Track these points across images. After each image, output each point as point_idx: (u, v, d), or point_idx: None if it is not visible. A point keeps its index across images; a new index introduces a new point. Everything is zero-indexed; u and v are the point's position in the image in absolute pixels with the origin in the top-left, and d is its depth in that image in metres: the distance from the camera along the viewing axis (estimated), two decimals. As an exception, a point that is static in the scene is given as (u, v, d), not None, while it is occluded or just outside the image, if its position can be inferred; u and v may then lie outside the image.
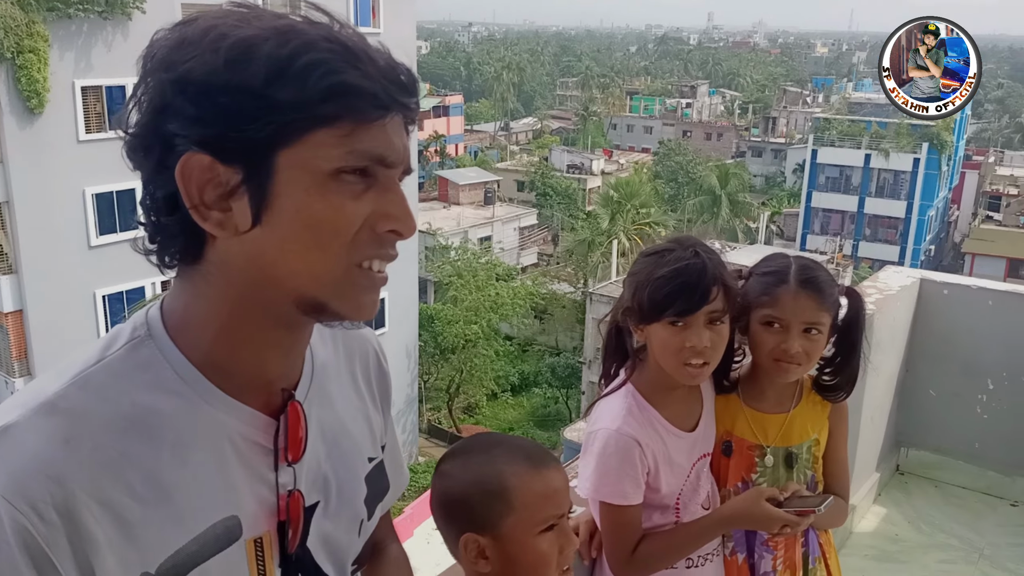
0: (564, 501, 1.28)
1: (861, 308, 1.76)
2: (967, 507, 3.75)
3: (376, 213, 0.80)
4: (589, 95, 70.79)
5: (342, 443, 0.96)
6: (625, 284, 1.64)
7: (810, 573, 1.78)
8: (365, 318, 0.85)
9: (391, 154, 0.80)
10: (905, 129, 38.88)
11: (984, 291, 3.93)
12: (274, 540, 0.86)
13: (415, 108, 0.83)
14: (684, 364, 1.55)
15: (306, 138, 0.76)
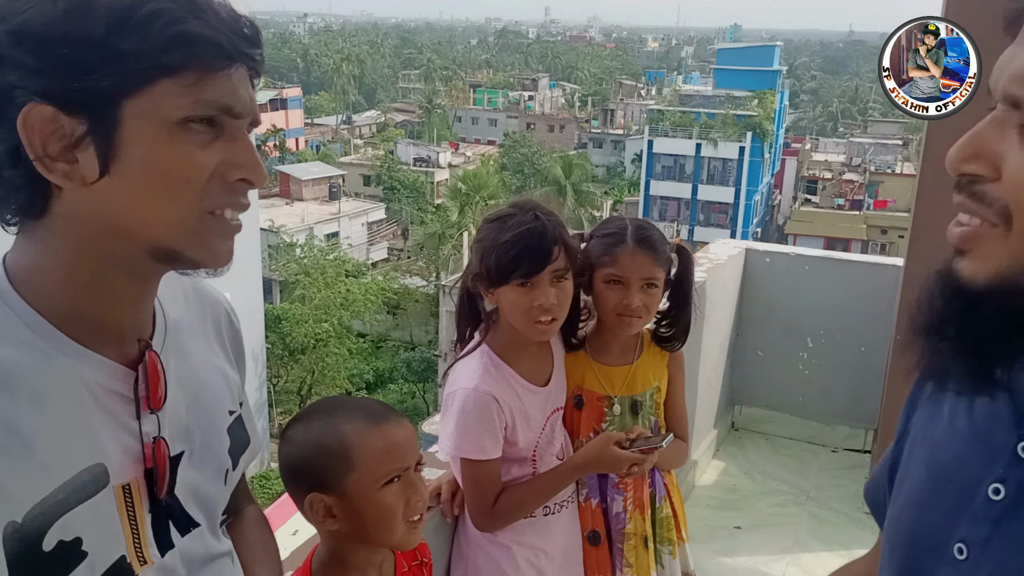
0: (406, 454, 1.31)
1: (690, 263, 1.91)
2: (794, 455, 4.10)
3: (225, 162, 0.82)
4: (432, 88, 70.76)
5: (202, 396, 0.97)
6: (472, 251, 1.70)
7: (657, 511, 1.92)
8: (221, 265, 0.86)
9: (237, 104, 0.82)
10: (731, 119, 41.35)
11: (801, 258, 4.30)
12: (142, 487, 0.87)
13: (260, 60, 0.85)
14: (534, 322, 1.63)
15: (151, 87, 0.77)
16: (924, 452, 0.84)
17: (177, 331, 0.96)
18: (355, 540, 1.34)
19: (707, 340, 3.78)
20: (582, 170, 42.12)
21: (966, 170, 0.67)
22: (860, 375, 4.04)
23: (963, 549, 0.74)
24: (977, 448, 0.76)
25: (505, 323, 1.71)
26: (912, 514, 0.82)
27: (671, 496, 1.95)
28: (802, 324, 4.19)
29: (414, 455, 1.33)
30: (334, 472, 1.27)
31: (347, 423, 1.30)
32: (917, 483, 0.83)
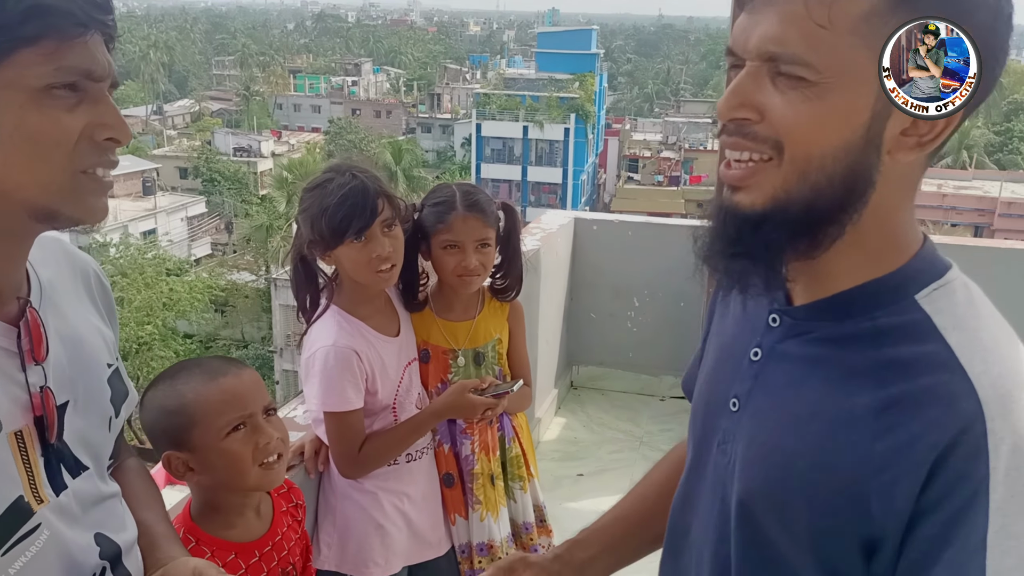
0: (246, 402, 1.38)
1: (516, 219, 2.07)
2: (627, 407, 4.42)
3: (92, 123, 0.87)
4: (249, 74, 67.94)
5: (81, 349, 1.02)
6: (299, 221, 1.77)
7: (507, 451, 2.08)
8: (98, 220, 0.92)
9: (97, 68, 0.87)
10: (555, 102, 42.56)
11: (624, 224, 4.62)
12: (33, 433, 0.92)
13: (112, 25, 0.90)
14: (376, 272, 1.74)
15: (11, 58, 0.81)
16: (715, 340, 1.06)
17: (52, 290, 1.00)
18: (220, 488, 1.40)
19: (544, 305, 4.00)
20: (412, 155, 41.98)
21: (736, 115, 0.83)
22: (681, 328, 4.40)
23: (736, 402, 0.94)
24: (745, 326, 0.97)
25: (348, 281, 1.81)
26: (705, 386, 1.03)
27: (520, 437, 2.12)
28: (629, 286, 4.51)
29: (258, 401, 1.40)
30: (179, 430, 1.35)
31: (184, 382, 1.37)
32: (709, 362, 1.05)
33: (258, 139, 48.18)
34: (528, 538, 2.11)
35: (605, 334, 4.59)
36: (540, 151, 43.90)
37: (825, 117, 0.79)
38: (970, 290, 0.86)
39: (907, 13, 0.77)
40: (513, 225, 2.05)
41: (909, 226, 0.86)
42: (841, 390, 0.83)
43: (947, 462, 0.75)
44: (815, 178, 0.80)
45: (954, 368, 0.78)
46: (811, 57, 0.78)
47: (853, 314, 0.85)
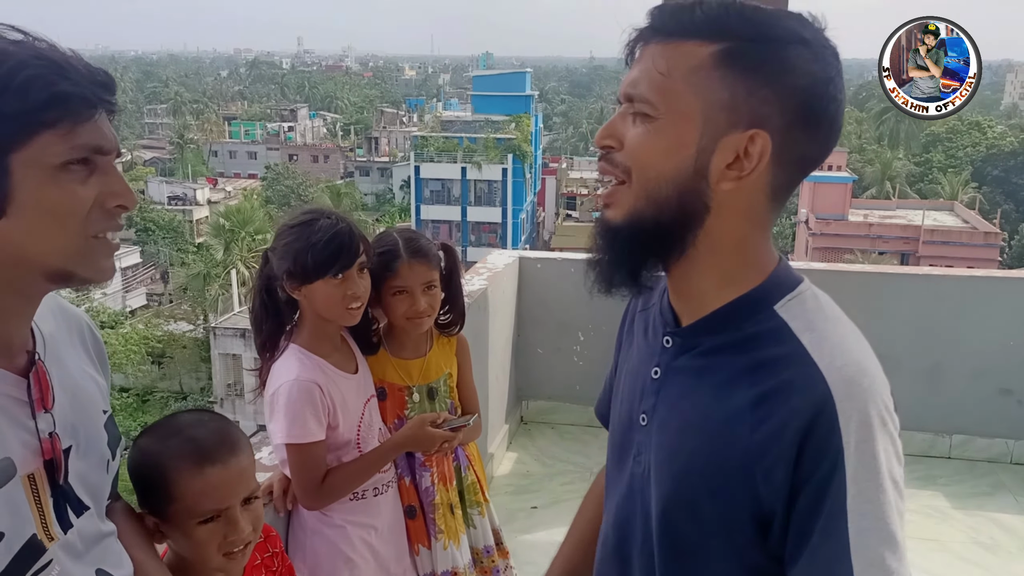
0: (227, 496, 1.39)
1: (456, 257, 2.18)
2: (577, 439, 4.53)
3: (103, 193, 0.97)
4: (183, 122, 67.27)
5: (80, 397, 1.10)
6: (276, 255, 1.85)
7: (464, 479, 2.17)
8: (106, 279, 1.02)
9: (105, 143, 0.97)
10: (492, 143, 43.09)
11: (566, 261, 4.78)
12: (44, 476, 1.01)
13: (116, 103, 1.01)
14: (347, 308, 1.84)
15: (33, 140, 0.92)
16: (623, 367, 1.22)
17: (53, 343, 1.09)
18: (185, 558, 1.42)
19: (492, 342, 4.11)
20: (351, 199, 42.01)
21: (603, 143, 1.02)
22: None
23: (644, 417, 1.09)
24: (646, 351, 1.13)
25: (311, 319, 1.89)
26: (619, 406, 1.18)
27: (473, 465, 2.22)
28: (573, 320, 4.65)
29: (240, 493, 1.41)
30: (157, 499, 1.37)
31: (175, 457, 1.37)
32: (620, 389, 1.20)
33: (193, 187, 47.59)
34: (489, 560, 2.20)
35: (552, 369, 4.71)
36: (479, 191, 44.29)
37: (661, 147, 0.97)
38: (819, 299, 1.02)
39: (727, 69, 0.95)
40: (454, 264, 2.16)
41: (763, 250, 1.03)
42: (724, 392, 0.98)
43: (809, 441, 0.91)
44: (655, 197, 0.98)
45: (808, 362, 0.94)
46: (652, 97, 0.97)
47: (727, 327, 1.01)
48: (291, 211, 1.88)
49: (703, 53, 0.95)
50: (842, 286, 1.12)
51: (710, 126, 0.95)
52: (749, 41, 0.95)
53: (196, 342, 28.70)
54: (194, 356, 28.50)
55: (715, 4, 0.97)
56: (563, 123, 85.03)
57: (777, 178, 0.98)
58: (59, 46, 0.97)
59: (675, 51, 0.96)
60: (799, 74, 0.95)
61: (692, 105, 0.95)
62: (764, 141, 0.95)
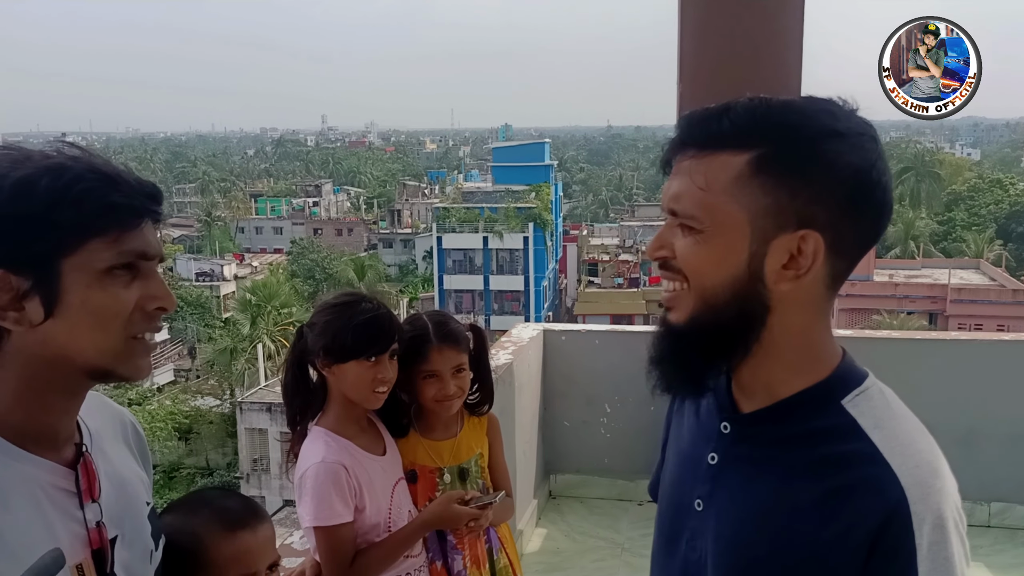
0: (255, 560, 1.44)
1: (484, 339, 2.22)
2: (606, 513, 4.48)
3: (144, 296, 1.03)
4: (211, 200, 68.84)
5: (125, 489, 1.15)
6: (315, 331, 1.90)
7: (496, 562, 2.16)
8: (143, 377, 1.08)
9: (149, 250, 1.04)
10: (513, 212, 43.55)
11: (591, 333, 4.80)
12: (91, 565, 1.04)
13: (162, 212, 1.07)
14: (374, 391, 1.88)
15: (84, 247, 0.98)
16: (674, 448, 1.22)
17: (99, 437, 1.14)
18: None
19: (519, 416, 4.11)
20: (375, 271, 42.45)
21: (657, 255, 1.05)
22: (653, 432, 4.46)
23: (700, 503, 1.09)
24: (700, 434, 1.13)
25: (338, 400, 1.93)
26: (669, 489, 1.18)
27: (506, 548, 2.20)
28: (599, 392, 4.65)
29: (266, 559, 1.47)
30: (185, 565, 1.39)
31: (203, 525, 1.42)
32: (670, 468, 1.20)
33: (220, 263, 48.36)
34: (523, 647, 2.16)
35: (580, 441, 4.68)
36: (501, 260, 44.57)
37: (712, 257, 0.99)
38: (885, 394, 1.02)
39: (766, 176, 0.96)
40: (482, 345, 2.20)
41: (826, 343, 1.03)
42: (789, 486, 0.99)
43: (881, 542, 0.91)
44: (713, 303, 0.99)
45: (879, 461, 0.94)
46: (696, 212, 0.99)
47: (791, 419, 1.01)
48: (333, 291, 1.93)
49: (739, 163, 0.96)
50: (870, 353, 1.15)
51: (758, 232, 0.96)
52: (783, 144, 0.95)
53: (222, 417, 28.76)
54: (220, 431, 28.52)
55: (742, 110, 0.97)
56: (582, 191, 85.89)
57: (835, 267, 0.99)
58: (113, 162, 1.05)
59: (710, 164, 0.97)
60: (839, 168, 0.95)
61: (737, 215, 0.96)
62: (816, 240, 0.95)
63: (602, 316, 40.71)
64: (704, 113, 1.00)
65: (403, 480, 2.03)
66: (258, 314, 32.34)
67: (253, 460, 25.77)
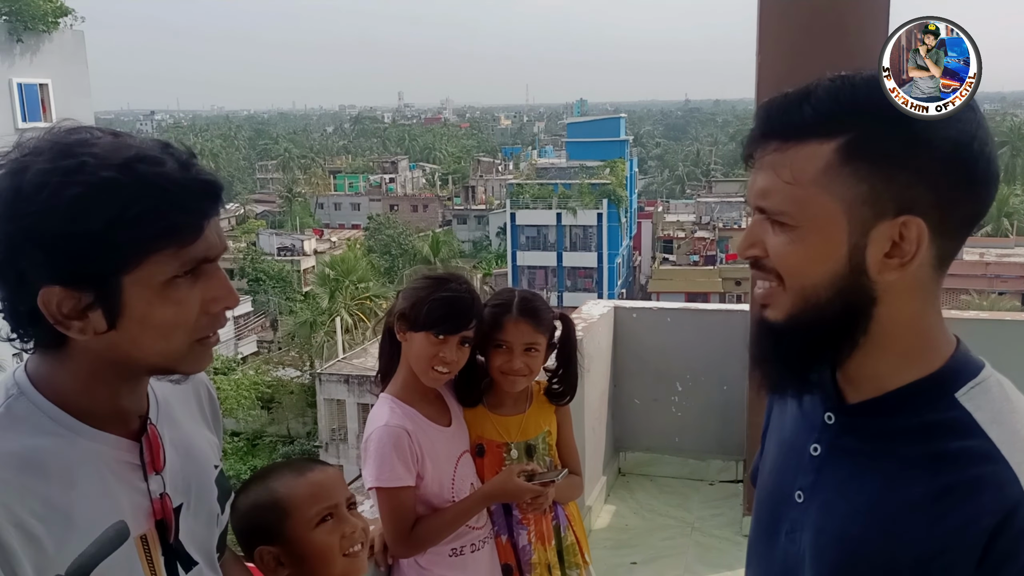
0: (333, 493, 1.52)
1: (572, 328, 2.23)
2: (677, 492, 4.46)
3: (207, 299, 1.03)
4: (291, 176, 70.40)
5: (193, 454, 1.18)
6: (403, 295, 1.99)
7: (563, 540, 2.17)
8: (203, 369, 1.11)
9: (212, 253, 1.02)
10: (587, 189, 43.23)
11: (663, 311, 4.75)
12: (155, 536, 1.08)
13: (222, 205, 1.05)
14: (432, 368, 1.92)
15: (143, 263, 0.96)
16: (775, 436, 1.18)
17: (167, 404, 1.18)
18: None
19: (589, 393, 4.10)
20: (449, 247, 42.82)
21: (748, 255, 1.00)
22: (725, 411, 4.46)
23: (800, 495, 1.05)
24: (803, 424, 1.09)
25: (405, 370, 1.99)
26: (769, 479, 1.14)
27: (573, 526, 2.21)
28: (671, 370, 4.60)
29: (341, 493, 1.54)
30: (273, 523, 1.48)
31: (275, 480, 1.52)
32: (771, 456, 1.17)
33: (301, 238, 49.53)
34: (587, 624, 2.18)
35: (650, 419, 4.66)
36: (574, 237, 44.37)
37: (808, 254, 0.93)
38: (1004, 387, 0.96)
39: (858, 162, 0.90)
40: (569, 334, 2.21)
41: (938, 330, 0.98)
42: (898, 481, 0.93)
43: (997, 543, 0.86)
44: (814, 301, 0.94)
45: (998, 459, 0.89)
46: (787, 208, 0.94)
47: (902, 412, 0.96)
48: (437, 267, 1.99)
49: (826, 152, 0.90)
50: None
51: (856, 223, 0.91)
52: (872, 127, 0.90)
53: (303, 388, 29.59)
54: (301, 401, 29.36)
55: (824, 94, 0.91)
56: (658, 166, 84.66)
57: (942, 248, 0.94)
58: (176, 153, 0.99)
59: (796, 156, 0.92)
60: (936, 145, 0.89)
61: (830, 207, 0.91)
62: (918, 225, 0.90)
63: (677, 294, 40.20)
64: (783, 101, 0.94)
65: (467, 453, 2.07)
66: (336, 288, 33.03)
67: (332, 430, 26.47)
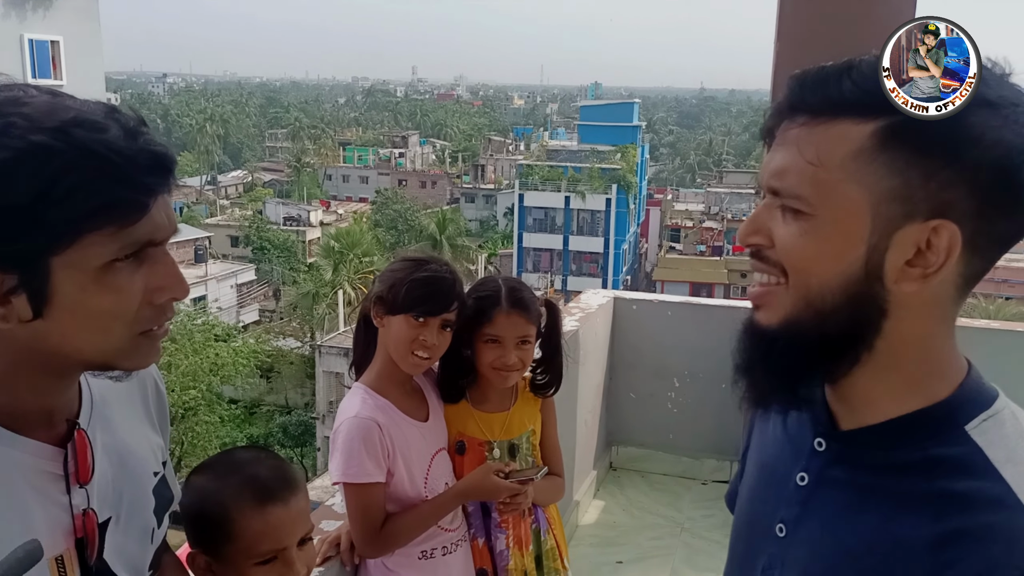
0: (286, 536, 1.36)
1: (558, 315, 2.10)
2: (668, 490, 4.35)
3: (151, 287, 0.89)
4: (301, 146, 70.19)
5: (128, 462, 1.05)
6: (380, 278, 1.87)
7: (543, 544, 2.06)
8: (149, 365, 0.97)
9: (159, 234, 0.88)
10: (597, 173, 43.02)
11: (664, 304, 4.62)
12: (74, 556, 0.94)
13: (174, 181, 0.89)
14: (412, 353, 1.80)
15: (76, 243, 0.82)
16: (756, 458, 1.05)
17: (103, 404, 1.03)
18: None
19: (582, 385, 3.99)
20: (456, 225, 42.65)
21: (751, 242, 0.87)
22: (723, 410, 4.33)
23: (782, 528, 0.93)
24: (788, 448, 0.96)
25: (383, 358, 1.87)
26: (747, 507, 1.02)
27: (553, 529, 2.10)
28: (669, 366, 4.48)
29: (297, 533, 1.38)
30: (214, 538, 1.34)
31: (234, 496, 1.34)
32: (750, 482, 1.03)
33: (307, 209, 49.47)
34: (563, 635, 2.07)
35: (645, 414, 4.55)
36: (582, 221, 44.21)
37: (820, 249, 0.82)
38: (1019, 420, 0.84)
39: (895, 151, 0.78)
40: (555, 322, 2.08)
41: (950, 354, 0.86)
42: (896, 522, 0.82)
43: None
44: (819, 305, 0.82)
45: (1013, 505, 0.77)
46: (804, 192, 0.81)
47: (903, 443, 0.84)
48: (413, 245, 1.87)
49: (861, 134, 0.79)
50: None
51: (880, 220, 0.79)
52: None
53: (302, 359, 29.61)
54: (300, 372, 29.40)
55: (868, 69, 0.80)
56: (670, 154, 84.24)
57: (971, 266, 0.81)
58: (125, 120, 0.85)
59: (826, 134, 0.80)
60: (987, 146, 0.77)
61: (855, 198, 0.80)
62: (952, 233, 0.78)
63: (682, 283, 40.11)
64: (820, 72, 0.82)
65: (444, 451, 1.95)
66: (340, 261, 32.97)
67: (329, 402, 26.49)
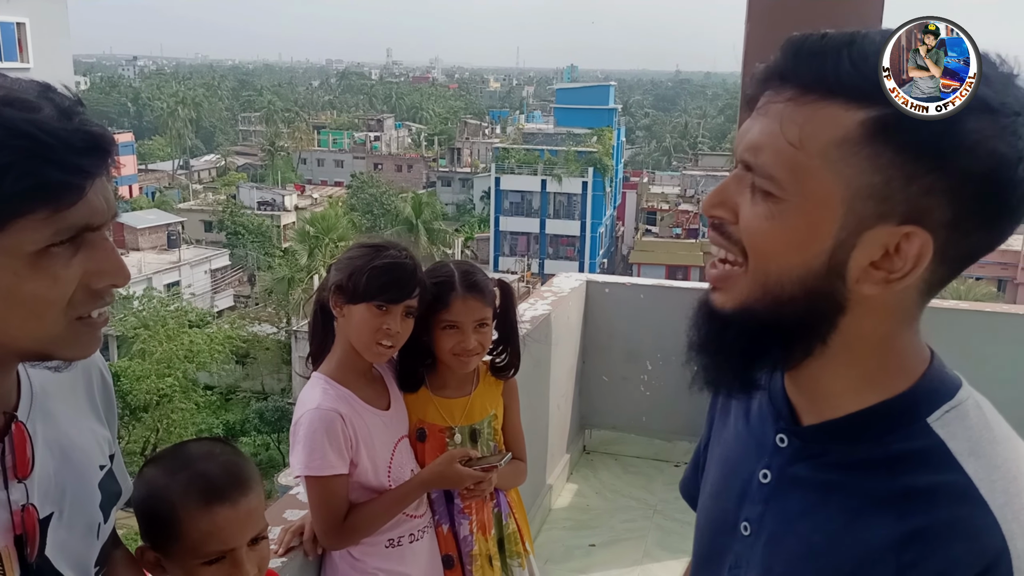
0: (235, 535, 1.31)
1: (512, 296, 2.08)
2: (641, 473, 4.36)
3: (89, 272, 0.85)
4: (275, 130, 69.43)
5: (71, 455, 1.00)
6: (337, 267, 1.82)
7: (504, 528, 2.05)
8: (89, 355, 0.92)
9: (96, 219, 0.84)
10: (573, 156, 42.97)
11: (636, 287, 4.61)
12: (13, 553, 0.90)
13: (113, 164, 0.85)
14: (376, 343, 1.76)
15: (8, 227, 0.78)
16: (717, 452, 1.02)
17: (44, 396, 0.99)
18: None
19: (555, 369, 3.98)
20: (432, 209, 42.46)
21: (714, 214, 0.83)
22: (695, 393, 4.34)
23: (747, 527, 0.90)
24: (750, 444, 0.94)
25: (343, 347, 1.83)
26: (710, 503, 0.99)
27: (515, 513, 2.09)
28: (641, 349, 4.48)
29: (247, 534, 1.33)
30: (161, 536, 1.30)
31: (181, 495, 1.29)
32: (712, 478, 1.01)
33: (282, 193, 49.00)
34: (529, 614, 2.06)
35: (618, 398, 4.54)
36: (558, 204, 44.20)
37: (785, 236, 0.78)
38: (983, 410, 0.82)
39: (881, 145, 0.74)
40: (509, 302, 2.06)
41: (912, 348, 0.83)
42: (860, 521, 0.80)
43: None
44: (776, 293, 0.79)
45: (975, 500, 0.75)
46: (777, 173, 0.77)
47: (865, 438, 0.82)
48: (373, 235, 1.82)
49: (849, 121, 0.74)
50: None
51: (852, 217, 0.75)
52: None
53: (278, 344, 29.43)
54: (276, 358, 29.22)
55: (871, 48, 0.75)
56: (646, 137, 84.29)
57: (936, 275, 0.78)
58: (58, 100, 0.81)
59: (812, 115, 0.75)
60: (978, 155, 0.72)
61: (831, 189, 0.75)
62: (924, 242, 0.74)
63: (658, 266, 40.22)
64: (818, 43, 0.76)
65: (406, 439, 1.93)
66: (316, 246, 32.72)
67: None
